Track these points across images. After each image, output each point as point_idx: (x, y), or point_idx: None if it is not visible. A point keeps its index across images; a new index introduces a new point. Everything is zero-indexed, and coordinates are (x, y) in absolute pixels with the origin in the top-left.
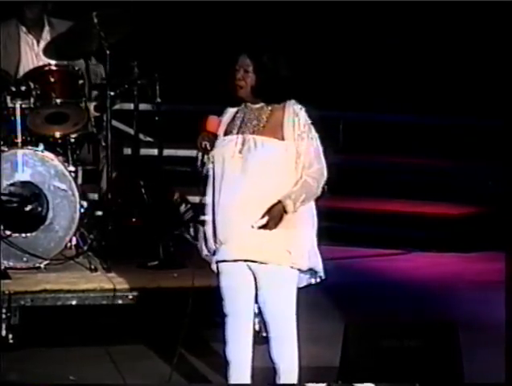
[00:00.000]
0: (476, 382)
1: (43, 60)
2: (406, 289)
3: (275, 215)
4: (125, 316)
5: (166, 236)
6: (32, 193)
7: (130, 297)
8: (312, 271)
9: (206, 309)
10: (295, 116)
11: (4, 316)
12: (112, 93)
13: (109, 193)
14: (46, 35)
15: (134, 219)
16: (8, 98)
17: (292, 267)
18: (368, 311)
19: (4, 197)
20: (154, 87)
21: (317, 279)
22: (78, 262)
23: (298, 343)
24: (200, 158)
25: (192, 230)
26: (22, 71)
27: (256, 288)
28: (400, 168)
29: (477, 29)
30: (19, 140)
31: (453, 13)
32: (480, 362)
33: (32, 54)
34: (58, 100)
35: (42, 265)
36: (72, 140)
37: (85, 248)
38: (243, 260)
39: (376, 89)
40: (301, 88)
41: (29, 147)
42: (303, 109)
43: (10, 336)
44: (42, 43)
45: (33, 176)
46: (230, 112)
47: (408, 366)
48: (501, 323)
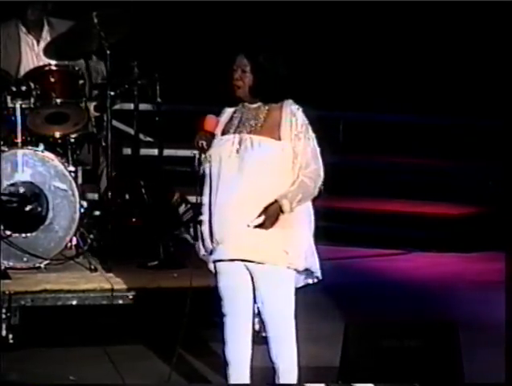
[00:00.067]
0: (476, 382)
1: (44, 60)
2: (406, 289)
3: (271, 214)
4: (125, 316)
5: (166, 236)
6: (32, 193)
7: (130, 297)
8: (309, 271)
9: (205, 309)
10: (293, 116)
11: (4, 316)
12: (112, 93)
13: (109, 193)
14: (46, 35)
15: (134, 219)
16: (8, 98)
17: (289, 267)
18: (368, 311)
19: (4, 197)
20: (154, 87)
21: (314, 279)
22: (78, 262)
23: (298, 343)
24: (197, 157)
25: (192, 230)
26: (22, 71)
27: (254, 288)
28: (400, 168)
29: (477, 29)
30: (19, 140)
31: (453, 13)
32: (480, 362)
33: (32, 54)
34: (58, 100)
35: (42, 265)
36: (72, 140)
37: (85, 248)
38: (239, 259)
39: (376, 89)
40: (301, 89)
41: (29, 147)
42: (301, 109)
43: (11, 336)
44: (42, 43)
45: (33, 176)
46: (228, 111)
47: (408, 366)
48: (501, 323)
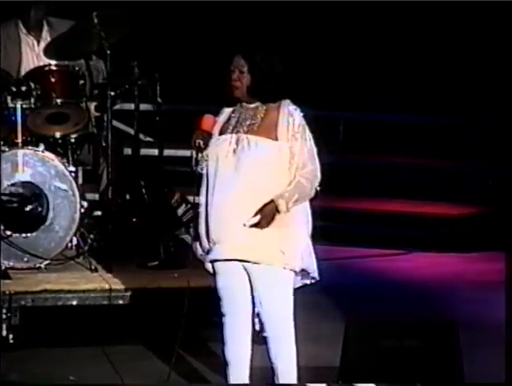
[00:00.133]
0: (476, 382)
1: (44, 61)
2: (406, 289)
3: (267, 214)
4: (125, 316)
5: (166, 237)
6: (32, 193)
7: (131, 297)
8: (305, 272)
9: (205, 309)
10: (290, 116)
11: (4, 316)
12: (112, 93)
13: (110, 193)
14: (46, 35)
15: (135, 219)
16: (9, 98)
17: (285, 267)
18: (368, 311)
19: (4, 197)
20: (154, 87)
21: (311, 280)
22: (78, 262)
23: (298, 343)
24: (194, 157)
25: (193, 230)
26: (23, 71)
27: (252, 288)
28: (400, 168)
29: (477, 29)
30: (20, 140)
31: (453, 13)
32: (480, 362)
33: (33, 54)
34: (58, 100)
35: (42, 265)
36: (73, 140)
37: (86, 249)
38: (236, 259)
39: (376, 89)
40: (301, 89)
41: (29, 147)
42: (298, 110)
43: (11, 336)
44: (42, 43)
45: (33, 176)
46: (226, 111)
47: (408, 366)
48: (501, 323)
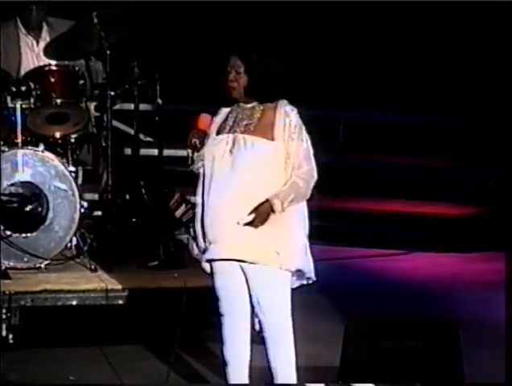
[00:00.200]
0: (476, 382)
1: (44, 61)
2: (406, 289)
3: (261, 212)
4: (125, 316)
5: (166, 237)
6: (32, 193)
7: (131, 297)
8: (301, 272)
9: (205, 309)
10: (286, 116)
11: (4, 316)
12: (112, 93)
13: (110, 193)
14: (45, 35)
15: (135, 219)
16: (8, 98)
17: (281, 268)
18: (368, 311)
19: (4, 197)
20: (154, 87)
21: (308, 281)
22: (78, 262)
23: (298, 344)
24: (190, 156)
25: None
26: (22, 71)
27: (249, 288)
28: (400, 168)
29: (477, 29)
30: (19, 140)
31: (453, 13)
32: (480, 362)
33: (32, 55)
34: (58, 100)
35: (42, 265)
36: (73, 140)
37: (85, 249)
38: (231, 259)
39: (376, 89)
40: (301, 89)
41: (29, 147)
42: (295, 110)
43: (11, 336)
44: (41, 44)
45: (33, 176)
46: (224, 111)
47: (408, 366)
48: (501, 323)
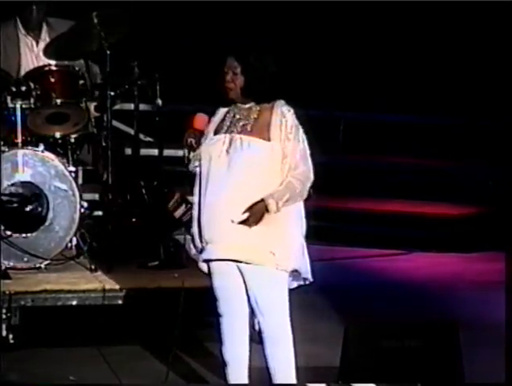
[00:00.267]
0: (476, 382)
1: (43, 61)
2: (406, 289)
3: (255, 212)
4: (125, 316)
5: (166, 237)
6: (32, 193)
7: (131, 297)
8: (297, 273)
9: (204, 309)
10: (283, 117)
11: (4, 316)
12: (112, 93)
13: (110, 193)
14: (45, 36)
15: (135, 219)
16: (8, 98)
17: (277, 268)
18: (368, 311)
19: (4, 197)
20: (154, 87)
21: (305, 281)
22: (78, 262)
23: (298, 344)
24: (186, 155)
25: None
26: (22, 72)
27: (247, 288)
28: (400, 168)
29: (477, 29)
30: (19, 140)
31: (453, 13)
32: (480, 362)
33: (32, 55)
34: (58, 100)
35: (42, 265)
36: (73, 140)
37: (86, 249)
38: (228, 259)
39: (376, 89)
40: (301, 89)
41: (29, 147)
42: (292, 111)
43: (11, 336)
44: (41, 44)
45: (33, 176)
46: (222, 111)
47: (409, 366)
48: (501, 323)
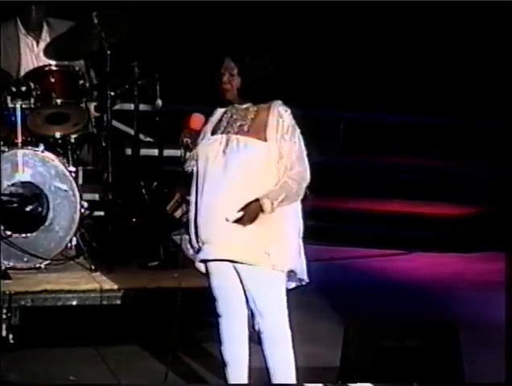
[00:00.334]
0: (476, 382)
1: (43, 61)
2: (406, 289)
3: (250, 211)
4: (125, 316)
5: (166, 237)
6: (33, 193)
7: (131, 297)
8: (293, 273)
9: (203, 309)
10: (280, 117)
11: (4, 316)
12: (112, 93)
13: (110, 193)
14: (45, 36)
15: (135, 219)
16: (8, 98)
17: (274, 268)
18: (368, 311)
19: (4, 197)
20: (154, 87)
21: (302, 282)
22: (78, 262)
23: (298, 344)
24: (183, 155)
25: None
26: (22, 72)
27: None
28: (400, 168)
29: (477, 29)
30: (20, 140)
31: (453, 13)
32: (480, 362)
33: (32, 55)
34: (58, 100)
35: (42, 266)
36: (73, 140)
37: (86, 249)
38: (224, 259)
39: (376, 89)
40: (301, 89)
41: (29, 147)
42: (289, 111)
43: (11, 336)
44: (41, 44)
45: (33, 176)
46: (219, 112)
47: (409, 366)
48: (501, 323)
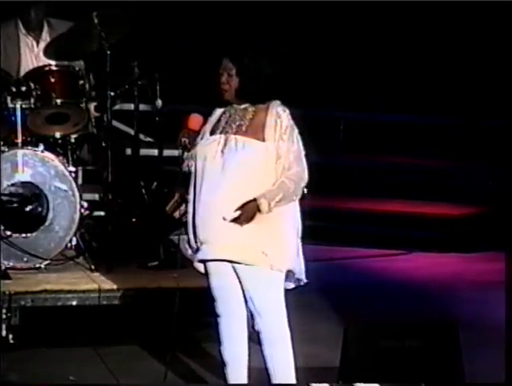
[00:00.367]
0: (476, 382)
1: (43, 61)
2: (406, 290)
3: (247, 210)
4: (125, 316)
5: (166, 237)
6: (32, 193)
7: (131, 297)
8: (291, 273)
9: (203, 309)
10: (278, 117)
11: (4, 316)
12: (112, 93)
13: (110, 193)
14: (45, 36)
15: (135, 219)
16: (8, 98)
17: (272, 268)
18: (368, 311)
19: (4, 197)
20: (154, 87)
21: (300, 282)
22: (78, 262)
23: (298, 344)
24: (181, 155)
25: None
26: (22, 72)
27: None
28: (400, 168)
29: (477, 29)
30: (19, 140)
31: (453, 13)
32: (480, 362)
33: (32, 55)
34: (58, 100)
35: (42, 266)
36: (73, 140)
37: (85, 249)
38: (222, 260)
39: (376, 89)
40: (302, 89)
41: (29, 147)
42: (287, 111)
43: (11, 336)
44: (41, 44)
45: (33, 176)
46: (218, 112)
47: (409, 366)
48: (501, 323)
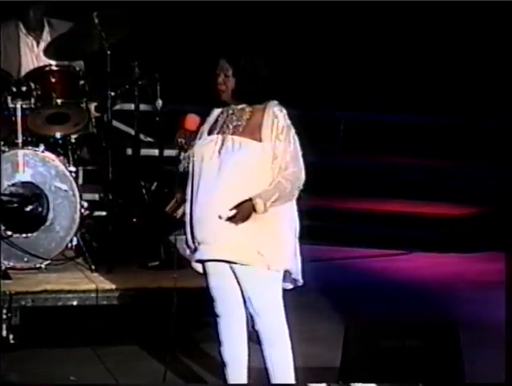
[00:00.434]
0: (476, 382)
1: (44, 61)
2: (406, 290)
3: (242, 210)
4: (125, 316)
5: (167, 237)
6: (33, 193)
7: (131, 297)
8: (288, 273)
9: (202, 309)
10: (275, 117)
11: (5, 316)
12: (112, 93)
13: (110, 193)
14: (46, 36)
15: (135, 219)
16: (9, 98)
17: (269, 268)
18: (369, 311)
19: (5, 197)
20: (154, 87)
21: (297, 283)
22: (79, 262)
23: (297, 344)
24: (177, 156)
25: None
26: (23, 72)
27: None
28: (400, 168)
29: (477, 29)
30: (20, 140)
31: (453, 13)
32: (480, 362)
33: (32, 55)
34: (59, 100)
35: (43, 266)
36: (73, 140)
37: (86, 249)
38: (219, 260)
39: (376, 89)
40: (302, 89)
41: (30, 147)
42: (284, 111)
43: (11, 336)
44: (42, 44)
45: (34, 176)
46: (216, 112)
47: (409, 366)
48: (501, 323)
